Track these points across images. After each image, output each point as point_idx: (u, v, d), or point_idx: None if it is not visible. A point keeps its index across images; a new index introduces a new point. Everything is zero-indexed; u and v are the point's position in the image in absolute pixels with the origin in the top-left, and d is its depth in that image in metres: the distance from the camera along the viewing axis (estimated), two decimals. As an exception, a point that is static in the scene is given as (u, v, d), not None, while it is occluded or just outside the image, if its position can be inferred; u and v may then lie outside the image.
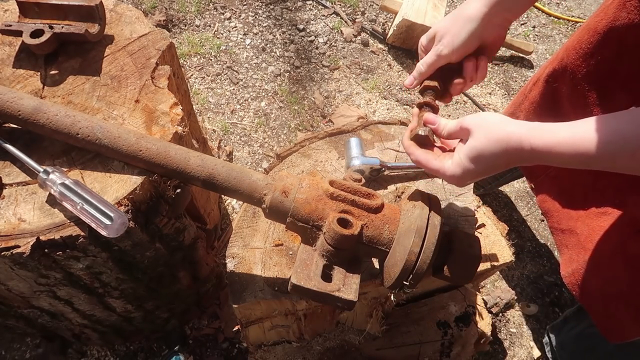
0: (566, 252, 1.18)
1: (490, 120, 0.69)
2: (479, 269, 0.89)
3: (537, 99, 1.20)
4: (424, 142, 0.80)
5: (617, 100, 0.95)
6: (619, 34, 0.89)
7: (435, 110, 0.84)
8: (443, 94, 0.89)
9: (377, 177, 1.06)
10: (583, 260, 1.09)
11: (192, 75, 2.20)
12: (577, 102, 1.06)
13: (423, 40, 0.87)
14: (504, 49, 2.53)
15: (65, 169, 0.87)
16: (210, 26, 2.39)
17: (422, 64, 0.85)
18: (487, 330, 1.26)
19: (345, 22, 2.51)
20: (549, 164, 0.67)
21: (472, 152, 0.70)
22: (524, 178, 1.76)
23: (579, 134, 0.62)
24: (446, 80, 0.88)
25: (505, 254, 1.06)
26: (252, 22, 2.43)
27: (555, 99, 1.14)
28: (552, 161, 0.66)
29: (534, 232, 1.96)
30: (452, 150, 0.76)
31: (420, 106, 0.85)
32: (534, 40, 2.66)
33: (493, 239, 1.08)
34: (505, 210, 2.00)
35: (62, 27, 1.00)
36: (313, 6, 2.55)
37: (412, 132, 0.81)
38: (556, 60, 1.12)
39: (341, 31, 2.46)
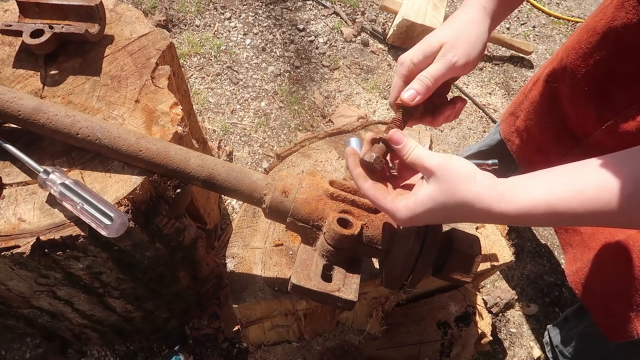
0: (570, 251, 1.19)
1: (459, 173, 0.59)
2: (479, 269, 0.89)
3: (537, 98, 1.20)
4: (371, 169, 0.68)
5: (616, 100, 0.95)
6: (618, 34, 0.89)
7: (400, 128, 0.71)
8: (422, 117, 0.76)
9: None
10: (587, 258, 1.09)
11: (192, 75, 2.20)
12: (576, 102, 1.06)
13: (416, 56, 0.71)
14: (504, 49, 2.53)
15: (65, 169, 0.87)
16: (210, 26, 2.39)
17: (429, 76, 0.69)
18: (487, 330, 1.26)
19: (345, 22, 2.51)
20: (520, 226, 0.61)
21: (430, 203, 0.60)
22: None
23: (556, 192, 0.56)
24: (427, 105, 0.75)
25: (505, 254, 1.06)
26: (252, 22, 2.43)
27: (555, 99, 1.14)
28: (524, 223, 0.60)
29: (534, 232, 1.96)
30: (408, 188, 0.67)
31: (394, 123, 0.71)
32: (534, 40, 2.66)
33: (493, 239, 1.08)
34: (505, 210, 2.00)
35: (62, 27, 1.00)
36: (313, 6, 2.55)
37: (364, 155, 0.69)
38: (556, 60, 1.12)
39: (341, 31, 2.46)
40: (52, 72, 1.01)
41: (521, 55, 2.53)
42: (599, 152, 0.58)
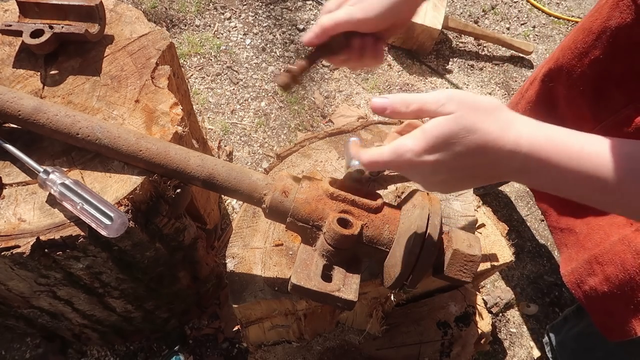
0: (565, 251, 1.19)
1: (483, 100, 0.57)
2: (479, 269, 0.89)
3: (534, 98, 1.21)
4: (359, 181, 0.75)
5: (612, 100, 0.95)
6: (613, 34, 0.90)
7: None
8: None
9: (377, 177, 1.06)
10: (582, 259, 1.09)
11: (192, 75, 2.20)
12: (573, 102, 1.06)
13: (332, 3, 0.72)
14: (504, 49, 2.53)
15: (65, 169, 0.87)
16: (210, 26, 2.39)
17: (329, 19, 0.69)
18: (487, 330, 1.26)
19: (345, 22, 2.51)
20: (532, 181, 0.57)
21: (450, 125, 0.54)
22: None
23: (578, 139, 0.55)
24: (329, 51, 0.75)
25: (505, 254, 1.06)
26: (252, 22, 2.43)
27: (551, 99, 1.14)
28: (540, 172, 0.56)
29: (534, 232, 1.96)
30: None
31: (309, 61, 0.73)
32: (534, 40, 2.66)
33: (493, 239, 1.08)
34: (505, 210, 2.00)
35: (62, 27, 1.00)
36: (313, 6, 2.55)
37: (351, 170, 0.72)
38: (552, 60, 1.12)
39: (341, 31, 2.46)
40: (52, 72, 1.01)
41: (521, 55, 2.52)
42: None
